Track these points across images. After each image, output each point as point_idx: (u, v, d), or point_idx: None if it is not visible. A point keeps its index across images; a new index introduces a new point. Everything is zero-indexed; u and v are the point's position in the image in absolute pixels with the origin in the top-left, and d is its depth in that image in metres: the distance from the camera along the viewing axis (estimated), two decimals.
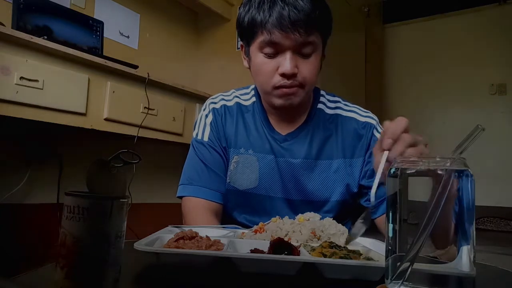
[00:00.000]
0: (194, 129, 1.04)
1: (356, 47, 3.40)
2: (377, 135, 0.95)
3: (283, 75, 0.84)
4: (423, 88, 4.05)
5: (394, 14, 4.14)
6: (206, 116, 1.02)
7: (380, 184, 0.87)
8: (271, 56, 0.85)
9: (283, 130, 0.97)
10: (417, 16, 4.12)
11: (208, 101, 1.05)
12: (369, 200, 0.94)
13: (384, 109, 4.14)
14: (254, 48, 0.88)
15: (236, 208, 0.99)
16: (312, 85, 0.91)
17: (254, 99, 1.02)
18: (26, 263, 1.57)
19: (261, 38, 0.85)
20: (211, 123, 1.00)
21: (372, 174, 0.93)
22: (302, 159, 0.94)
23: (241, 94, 1.04)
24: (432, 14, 4.04)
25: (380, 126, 0.98)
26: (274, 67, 0.85)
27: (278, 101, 0.89)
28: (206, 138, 0.99)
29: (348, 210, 0.97)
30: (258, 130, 0.98)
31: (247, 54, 0.93)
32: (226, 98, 1.03)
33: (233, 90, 1.06)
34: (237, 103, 1.01)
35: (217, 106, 1.02)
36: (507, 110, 3.65)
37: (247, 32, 0.89)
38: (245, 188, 0.96)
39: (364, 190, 0.95)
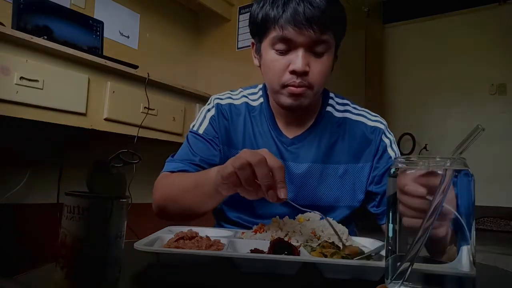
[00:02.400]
0: (194, 121, 1.01)
1: (356, 47, 3.40)
2: (386, 140, 0.94)
3: (294, 72, 0.82)
4: (423, 88, 4.05)
5: (394, 14, 4.14)
6: (209, 110, 0.99)
7: None
8: (282, 52, 0.84)
9: (290, 133, 0.95)
10: (417, 16, 4.12)
11: (213, 96, 1.01)
12: (376, 206, 0.93)
13: (384, 109, 4.14)
14: (266, 44, 0.87)
15: (238, 211, 0.97)
16: (321, 87, 0.89)
17: (261, 100, 0.99)
18: (26, 263, 1.57)
19: (273, 34, 0.83)
20: (211, 117, 0.97)
21: (380, 180, 0.92)
22: (309, 163, 0.92)
23: (249, 94, 1.02)
24: (432, 14, 4.04)
25: (389, 130, 0.97)
26: (285, 65, 0.84)
27: (286, 101, 0.87)
28: (201, 131, 0.96)
29: (354, 215, 0.95)
30: (265, 133, 0.96)
31: (258, 52, 0.92)
32: (233, 96, 1.01)
33: (240, 89, 1.03)
34: (245, 103, 0.99)
35: (223, 102, 0.99)
36: (507, 110, 3.65)
37: (259, 28, 0.87)
38: None
39: (371, 196, 0.94)
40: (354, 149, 0.93)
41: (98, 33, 1.90)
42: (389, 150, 0.94)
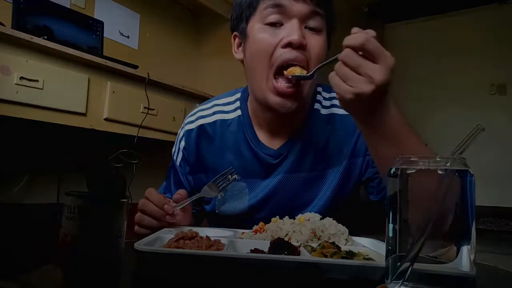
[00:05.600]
0: (174, 145, 0.98)
1: None
2: None
3: (289, 44, 0.74)
4: (423, 88, 4.05)
5: (394, 14, 4.14)
6: (181, 139, 0.95)
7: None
8: (275, 25, 0.76)
9: (274, 143, 0.87)
10: (417, 16, 4.12)
11: (185, 120, 0.96)
12: (376, 194, 0.84)
13: None
14: (254, 21, 0.79)
15: (227, 224, 0.90)
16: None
17: (239, 112, 0.90)
18: (26, 263, 1.57)
19: (264, 4, 0.76)
20: (183, 149, 0.93)
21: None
22: (298, 173, 0.86)
23: (223, 104, 0.93)
24: (432, 14, 4.05)
25: None
26: (278, 39, 0.75)
27: (274, 100, 0.77)
28: (178, 162, 0.95)
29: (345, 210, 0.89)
30: (245, 151, 0.87)
31: (244, 36, 0.83)
32: (204, 113, 0.93)
33: (214, 102, 0.95)
34: (220, 120, 0.91)
35: (192, 126, 0.92)
36: (507, 110, 3.65)
37: (247, 8, 0.80)
38: (235, 214, 0.89)
39: (369, 183, 0.86)
40: (345, 146, 0.85)
41: (98, 33, 1.90)
42: None
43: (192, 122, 0.94)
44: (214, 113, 0.93)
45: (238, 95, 0.94)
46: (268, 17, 0.76)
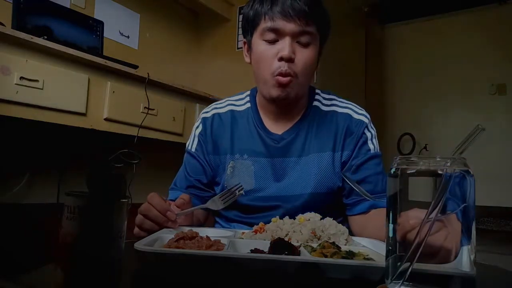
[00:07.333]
0: (188, 139, 1.09)
1: (356, 47, 3.40)
2: (367, 133, 1.00)
3: (281, 59, 0.90)
4: (423, 88, 4.05)
5: (394, 14, 4.14)
6: (197, 127, 1.08)
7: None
8: (271, 42, 0.92)
9: (279, 130, 1.01)
10: (417, 16, 4.12)
11: (201, 114, 1.10)
12: (345, 197, 0.96)
13: (384, 109, 4.14)
14: (256, 37, 0.95)
15: (231, 208, 1.00)
16: (307, 78, 0.95)
17: (248, 104, 1.06)
18: (26, 263, 1.57)
19: (263, 25, 0.92)
20: (199, 134, 1.06)
21: (356, 170, 0.96)
22: (297, 157, 0.98)
23: (235, 100, 1.09)
24: (432, 14, 4.05)
25: (372, 125, 1.02)
26: (274, 53, 0.91)
27: (275, 92, 0.93)
28: (193, 149, 1.06)
29: (335, 204, 0.99)
30: (253, 134, 1.02)
31: (249, 47, 0.99)
32: (218, 106, 1.08)
33: (227, 99, 1.10)
34: (231, 110, 1.06)
35: (208, 115, 1.07)
36: (507, 110, 3.65)
37: (251, 23, 0.96)
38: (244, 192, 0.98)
39: (346, 185, 0.97)
40: (337, 139, 0.99)
41: (98, 33, 1.90)
42: (369, 143, 1.00)
43: (207, 112, 1.08)
44: (227, 105, 1.08)
45: (248, 93, 1.10)
46: (266, 35, 0.93)
